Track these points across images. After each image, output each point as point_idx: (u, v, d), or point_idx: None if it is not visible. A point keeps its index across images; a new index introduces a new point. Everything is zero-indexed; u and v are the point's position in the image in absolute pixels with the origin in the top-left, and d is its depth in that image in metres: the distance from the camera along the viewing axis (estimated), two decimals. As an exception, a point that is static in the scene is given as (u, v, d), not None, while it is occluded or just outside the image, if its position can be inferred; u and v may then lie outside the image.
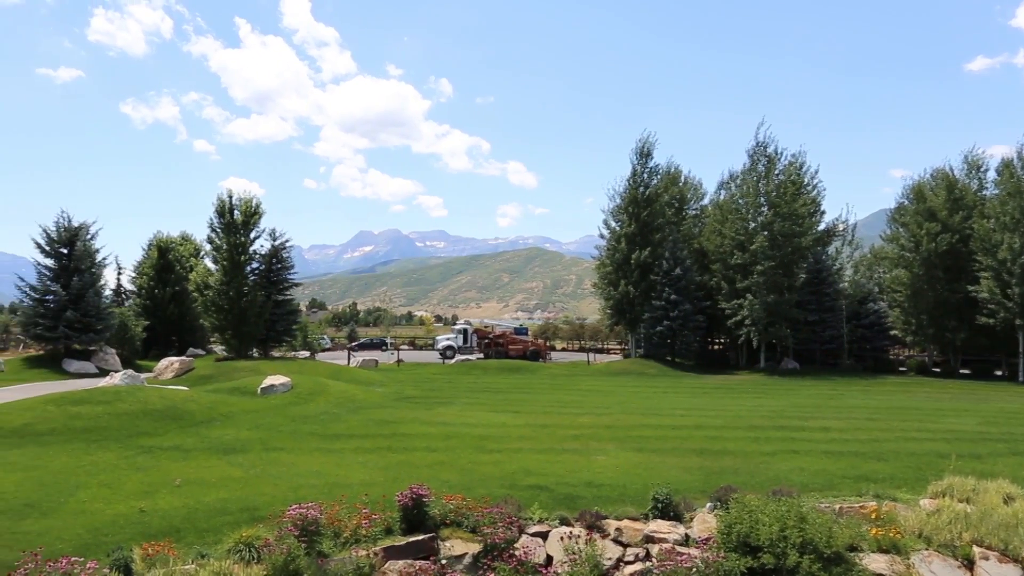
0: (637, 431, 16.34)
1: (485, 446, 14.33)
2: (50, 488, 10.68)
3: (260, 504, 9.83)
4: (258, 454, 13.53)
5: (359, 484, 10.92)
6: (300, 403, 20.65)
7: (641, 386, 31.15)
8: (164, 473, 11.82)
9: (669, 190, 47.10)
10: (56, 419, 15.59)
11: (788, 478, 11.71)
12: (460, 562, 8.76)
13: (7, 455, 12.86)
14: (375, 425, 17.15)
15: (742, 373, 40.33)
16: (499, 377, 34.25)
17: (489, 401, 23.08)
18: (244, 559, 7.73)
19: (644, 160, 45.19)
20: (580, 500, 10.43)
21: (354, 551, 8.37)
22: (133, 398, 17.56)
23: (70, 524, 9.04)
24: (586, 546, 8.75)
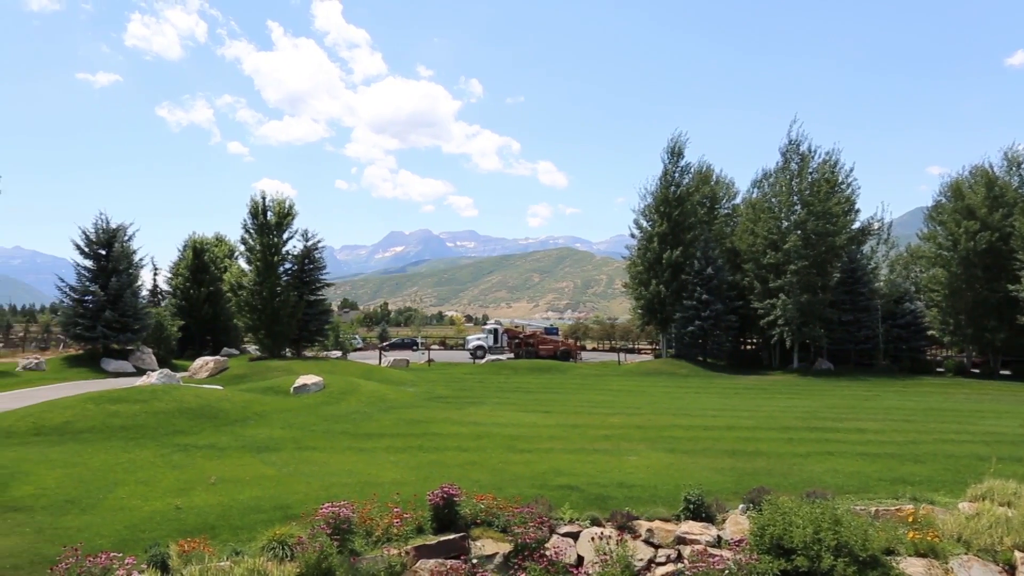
0: (668, 431, 16.20)
1: (516, 446, 14.33)
2: (89, 485, 10.94)
3: (293, 502, 9.95)
4: (291, 453, 13.70)
5: (390, 483, 11.00)
6: (332, 402, 20.88)
7: (672, 386, 30.90)
8: (199, 471, 12.03)
9: (701, 189, 46.72)
10: (95, 417, 15.97)
11: (822, 480, 11.51)
12: (491, 562, 8.77)
13: (49, 452, 13.21)
14: (406, 425, 17.27)
15: (775, 374, 39.77)
16: (530, 377, 34.25)
17: (520, 401, 23.09)
18: (278, 557, 7.83)
19: (675, 159, 44.89)
20: (611, 500, 10.37)
21: (386, 550, 8.42)
22: (169, 397, 17.92)
23: (109, 520, 9.25)
24: (617, 547, 8.69)
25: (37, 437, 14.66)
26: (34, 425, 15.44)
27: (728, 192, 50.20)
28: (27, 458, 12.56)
